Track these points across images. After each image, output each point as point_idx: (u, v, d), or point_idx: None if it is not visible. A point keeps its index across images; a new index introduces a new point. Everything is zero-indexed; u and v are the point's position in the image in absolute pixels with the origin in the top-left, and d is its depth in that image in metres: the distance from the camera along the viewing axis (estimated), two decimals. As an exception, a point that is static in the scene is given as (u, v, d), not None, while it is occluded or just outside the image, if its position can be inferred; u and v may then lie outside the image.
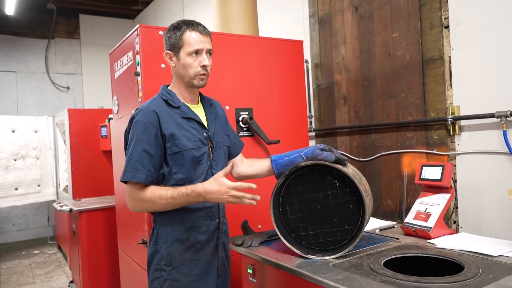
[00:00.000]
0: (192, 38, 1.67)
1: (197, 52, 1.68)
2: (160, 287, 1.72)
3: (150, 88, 2.30)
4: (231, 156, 1.95)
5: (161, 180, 1.70)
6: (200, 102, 1.86)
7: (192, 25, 1.70)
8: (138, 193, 1.65)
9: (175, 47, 1.70)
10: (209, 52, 1.72)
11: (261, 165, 1.92)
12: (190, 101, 1.79)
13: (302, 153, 1.77)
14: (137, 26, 2.31)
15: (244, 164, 1.98)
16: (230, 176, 1.96)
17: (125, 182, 1.68)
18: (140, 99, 2.34)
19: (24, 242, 6.80)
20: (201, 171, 1.73)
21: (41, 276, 5.04)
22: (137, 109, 1.73)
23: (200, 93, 1.87)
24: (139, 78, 2.33)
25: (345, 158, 1.79)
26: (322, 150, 1.74)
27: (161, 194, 1.62)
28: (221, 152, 1.83)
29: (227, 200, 1.58)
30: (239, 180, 2.00)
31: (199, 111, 1.81)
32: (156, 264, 1.73)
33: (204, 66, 1.69)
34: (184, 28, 1.68)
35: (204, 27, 1.73)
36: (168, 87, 1.82)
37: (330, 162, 1.72)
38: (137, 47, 2.33)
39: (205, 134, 1.76)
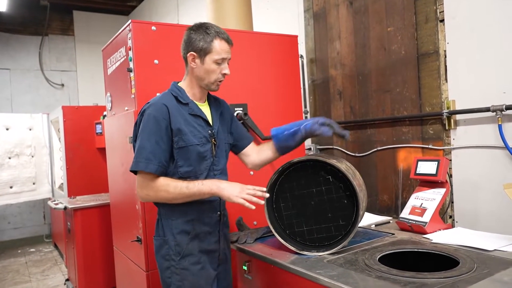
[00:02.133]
0: (220, 47, 1.73)
1: (222, 61, 1.75)
2: (171, 275, 1.77)
3: (143, 84, 2.28)
4: (239, 148, 2.00)
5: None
6: (206, 101, 1.90)
7: (221, 33, 1.75)
8: (151, 183, 1.69)
9: (202, 51, 1.73)
10: (228, 61, 1.80)
11: (266, 150, 1.95)
12: (199, 100, 1.84)
13: (301, 127, 1.79)
14: (129, 21, 2.28)
15: (254, 153, 2.01)
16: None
17: (135, 173, 1.72)
18: (133, 96, 2.32)
19: (20, 240, 6.76)
20: (205, 167, 1.78)
21: (37, 274, 5.01)
22: (148, 102, 1.77)
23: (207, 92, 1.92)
24: (132, 74, 2.31)
25: (346, 132, 1.79)
26: (321, 124, 1.75)
27: (176, 184, 1.68)
28: (222, 149, 1.87)
29: (238, 192, 1.63)
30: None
31: (205, 109, 1.85)
32: (166, 255, 1.78)
33: (224, 74, 1.77)
34: (214, 35, 1.73)
35: (229, 36, 1.79)
36: (179, 84, 1.85)
37: (327, 136, 1.75)
38: (129, 42, 2.30)
39: (209, 131, 1.80)
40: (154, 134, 1.68)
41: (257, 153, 2.00)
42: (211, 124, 1.83)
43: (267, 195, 1.67)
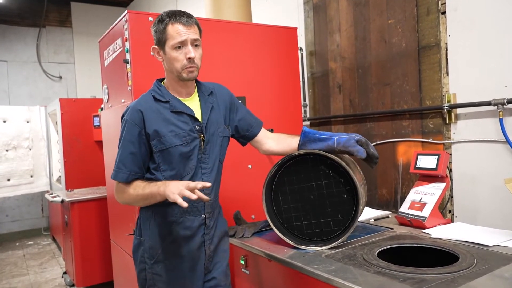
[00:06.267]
0: (174, 31, 1.59)
1: (182, 45, 1.60)
2: (145, 278, 1.71)
3: (140, 75, 2.25)
4: (249, 138, 1.90)
5: (151, 176, 1.67)
6: (197, 93, 1.77)
7: (174, 16, 1.60)
8: (121, 186, 1.67)
9: (160, 42, 1.63)
10: (195, 42, 1.64)
11: (290, 142, 1.84)
12: (185, 95, 1.72)
13: (335, 138, 1.68)
14: (126, 12, 2.25)
15: (270, 139, 1.91)
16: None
17: None
18: (130, 87, 2.29)
19: (18, 233, 6.75)
20: (190, 167, 1.67)
21: (35, 267, 5.01)
22: (127, 107, 1.70)
23: (198, 82, 1.79)
24: (128, 66, 2.28)
25: (377, 156, 1.73)
26: (357, 141, 1.67)
27: (137, 184, 1.63)
28: (215, 144, 1.74)
29: (175, 189, 1.47)
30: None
31: (192, 103, 1.72)
32: (141, 256, 1.72)
33: (190, 59, 1.61)
34: (167, 21, 1.60)
35: (188, 16, 1.63)
36: (163, 81, 1.75)
37: (360, 158, 1.66)
38: (126, 33, 2.26)
39: (197, 127, 1.68)
40: (126, 141, 1.63)
41: (276, 141, 1.88)
42: (199, 119, 1.70)
43: (208, 184, 1.51)
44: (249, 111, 1.94)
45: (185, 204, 1.43)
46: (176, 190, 1.46)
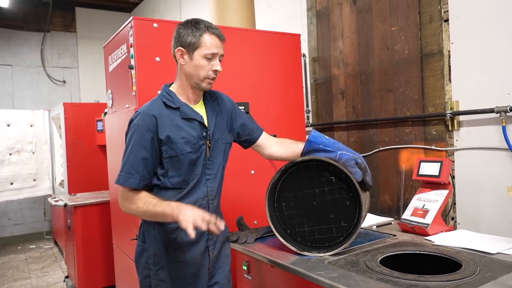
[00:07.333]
0: (209, 41, 1.64)
1: (213, 56, 1.65)
2: (149, 284, 1.71)
3: (144, 81, 2.27)
4: (251, 142, 1.91)
5: (158, 182, 1.67)
6: (202, 101, 1.80)
7: (211, 27, 1.66)
8: (131, 196, 1.63)
9: (190, 46, 1.64)
10: (221, 58, 1.70)
11: (293, 148, 1.84)
12: (193, 102, 1.75)
13: (339, 152, 1.69)
14: (131, 18, 2.27)
15: (274, 144, 1.92)
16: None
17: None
18: (134, 93, 2.30)
19: (20, 237, 6.76)
20: (196, 173, 1.69)
21: (37, 271, 5.01)
22: (137, 111, 1.70)
23: None
24: (133, 72, 2.29)
25: (371, 185, 1.75)
26: (357, 164, 1.67)
27: (147, 200, 1.59)
28: (219, 150, 1.77)
29: (189, 218, 1.46)
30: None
31: (200, 110, 1.76)
32: (145, 263, 1.72)
33: (215, 71, 1.67)
34: (204, 29, 1.64)
35: (221, 32, 1.70)
36: (171, 86, 1.77)
37: (355, 180, 1.66)
38: (131, 39, 2.28)
39: (204, 133, 1.70)
40: (138, 146, 1.62)
41: (280, 146, 1.89)
42: (206, 125, 1.73)
43: (222, 227, 1.49)
44: (249, 117, 1.97)
45: (193, 235, 1.43)
46: (190, 219, 1.45)
